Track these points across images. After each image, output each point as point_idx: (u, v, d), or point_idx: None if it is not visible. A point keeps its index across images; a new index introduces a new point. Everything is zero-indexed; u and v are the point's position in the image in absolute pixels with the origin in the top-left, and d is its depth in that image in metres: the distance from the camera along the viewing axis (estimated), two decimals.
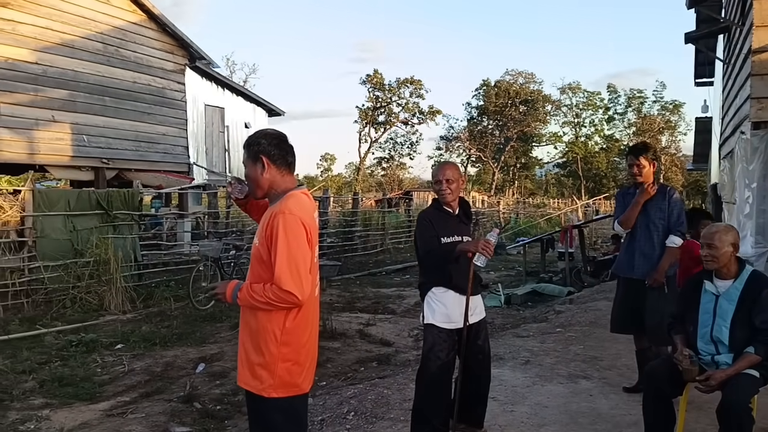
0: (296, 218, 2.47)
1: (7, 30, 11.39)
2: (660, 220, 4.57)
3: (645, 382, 3.65)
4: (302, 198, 2.60)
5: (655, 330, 4.50)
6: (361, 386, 5.17)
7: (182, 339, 7.62)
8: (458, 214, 3.79)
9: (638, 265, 4.59)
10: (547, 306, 9.82)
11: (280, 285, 2.41)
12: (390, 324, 8.74)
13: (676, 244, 4.52)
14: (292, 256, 2.43)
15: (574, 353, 6.02)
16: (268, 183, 2.60)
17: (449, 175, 3.67)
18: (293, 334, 2.54)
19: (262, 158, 2.58)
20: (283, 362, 2.52)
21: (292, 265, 2.42)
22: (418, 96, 51.02)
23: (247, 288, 2.51)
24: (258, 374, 2.54)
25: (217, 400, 5.47)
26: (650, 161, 4.64)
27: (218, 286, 2.64)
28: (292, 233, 2.45)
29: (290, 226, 2.45)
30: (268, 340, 2.52)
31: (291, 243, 2.44)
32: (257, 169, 2.59)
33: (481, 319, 3.75)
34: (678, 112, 52.23)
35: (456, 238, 3.68)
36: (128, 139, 13.65)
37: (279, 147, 2.62)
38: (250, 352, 2.57)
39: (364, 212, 19.79)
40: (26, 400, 5.44)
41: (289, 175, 2.64)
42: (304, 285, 2.45)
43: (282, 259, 2.41)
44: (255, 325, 2.55)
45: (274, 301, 2.44)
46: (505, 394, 4.72)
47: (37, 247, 9.20)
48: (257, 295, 2.46)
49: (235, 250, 10.84)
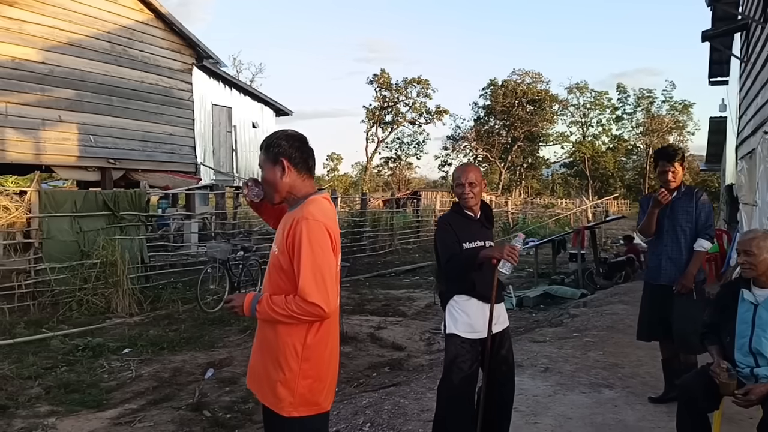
0: (320, 224, 2.31)
1: (14, 29, 11.29)
2: (687, 223, 4.40)
3: (679, 396, 3.47)
4: (324, 203, 2.43)
5: (684, 338, 4.33)
6: (376, 395, 5.00)
7: (190, 343, 7.48)
8: (480, 218, 3.62)
9: (665, 271, 4.42)
10: (560, 309, 9.64)
11: (305, 297, 2.23)
12: (401, 327, 8.58)
13: (705, 248, 4.36)
14: (318, 266, 2.26)
15: (594, 360, 5.85)
16: (288, 187, 2.44)
17: (472, 178, 3.51)
18: (315, 349, 2.37)
19: (282, 161, 2.42)
20: (303, 379, 2.35)
21: (318, 275, 2.25)
22: (425, 96, 50.96)
23: (266, 300, 2.33)
24: (277, 392, 2.37)
25: (227, 407, 5.32)
26: (682, 166, 4.47)
27: (234, 298, 2.45)
28: (317, 241, 2.28)
29: (314, 234, 2.28)
30: (288, 356, 2.35)
31: (316, 251, 2.27)
32: (276, 172, 2.43)
33: (505, 328, 3.58)
34: (687, 112, 51.90)
35: (478, 243, 3.51)
36: (135, 139, 13.54)
37: (300, 149, 2.45)
38: (269, 367, 2.41)
39: (373, 212, 19.63)
40: (32, 407, 5.30)
41: (309, 180, 2.48)
42: (330, 296, 2.27)
43: (306, 269, 2.24)
44: (274, 339, 2.38)
45: (298, 315, 2.27)
46: (527, 404, 4.54)
47: (43, 249, 9.08)
48: (278, 307, 2.29)
49: (243, 252, 10.69)
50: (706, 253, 4.44)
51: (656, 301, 4.50)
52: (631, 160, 58.89)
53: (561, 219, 28.38)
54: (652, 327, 4.55)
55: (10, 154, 11.26)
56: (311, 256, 2.25)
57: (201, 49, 15.18)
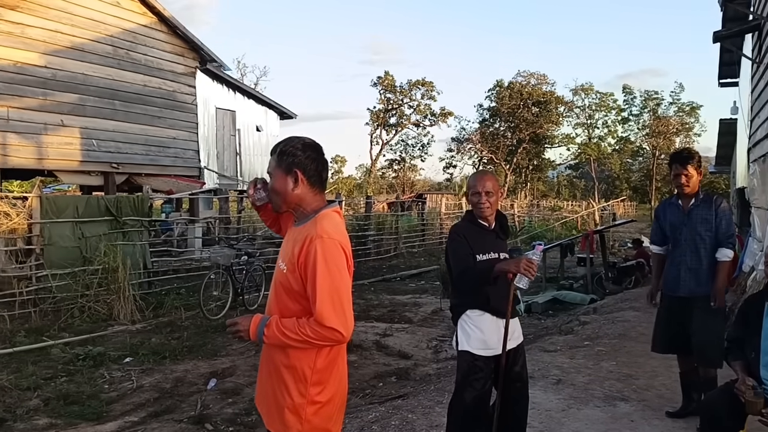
0: (336, 243, 2.16)
1: (17, 33, 11.20)
2: (707, 232, 4.22)
3: (702, 414, 3.31)
4: (336, 218, 2.28)
5: (703, 351, 4.17)
6: (383, 409, 4.85)
7: (193, 351, 7.35)
8: (494, 228, 3.45)
9: (684, 282, 4.25)
10: (570, 315, 9.47)
11: (323, 321, 2.08)
12: (407, 334, 8.43)
13: (729, 258, 4.19)
14: (335, 288, 2.11)
15: (607, 371, 5.68)
16: (297, 199, 2.29)
17: (489, 187, 3.34)
18: (325, 372, 2.23)
19: (296, 172, 2.26)
20: (312, 405, 2.21)
21: (336, 298, 2.10)
22: (429, 98, 50.74)
23: (276, 324, 2.16)
24: (285, 418, 2.22)
25: (229, 420, 5.18)
26: (697, 169, 4.30)
27: (239, 321, 2.26)
28: (333, 261, 2.13)
29: (330, 253, 2.13)
30: (297, 380, 2.20)
31: (333, 272, 2.12)
32: (288, 182, 2.27)
33: (520, 344, 3.42)
34: (694, 113, 51.56)
35: (492, 255, 3.35)
36: (138, 143, 13.43)
37: (316, 161, 2.30)
38: (276, 392, 2.26)
39: (377, 215, 19.45)
40: (30, 420, 5.17)
41: (320, 194, 2.33)
42: (348, 319, 2.13)
43: (324, 292, 2.09)
44: (282, 363, 2.23)
45: (314, 340, 2.11)
46: (540, 419, 4.38)
47: (44, 255, 8.97)
48: (290, 332, 2.13)
49: (247, 257, 10.55)
50: (730, 262, 4.27)
51: (674, 313, 4.33)
52: (637, 161, 58.58)
53: (568, 222, 28.15)
54: (669, 339, 4.38)
55: (12, 159, 11.16)
56: (328, 278, 2.11)
57: (204, 53, 15.06)
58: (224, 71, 18.06)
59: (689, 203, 4.30)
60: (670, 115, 51.84)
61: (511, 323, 3.27)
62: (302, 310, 2.17)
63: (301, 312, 2.18)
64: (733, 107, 12.32)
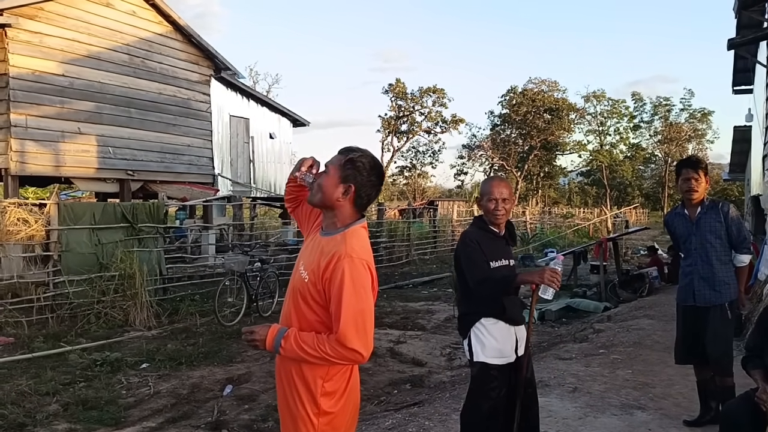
0: (363, 263, 2.17)
1: (35, 43, 11.38)
2: (717, 239, 4.21)
3: (722, 423, 3.31)
4: (364, 235, 2.30)
5: (719, 359, 4.15)
6: (399, 416, 4.86)
7: (209, 358, 7.39)
8: (504, 235, 3.46)
9: (699, 291, 4.23)
10: (584, 323, 9.43)
11: (345, 342, 2.09)
12: (421, 341, 8.43)
13: (745, 263, 4.19)
14: (360, 310, 2.11)
15: (623, 379, 5.66)
16: (336, 207, 2.28)
17: (505, 194, 3.33)
18: (338, 382, 2.24)
19: (351, 186, 2.26)
20: (324, 416, 2.22)
21: (359, 319, 2.11)
22: (440, 105, 50.75)
23: (295, 338, 2.17)
24: (298, 427, 2.24)
25: (246, 426, 5.21)
26: (706, 176, 4.30)
27: (256, 330, 2.26)
28: (359, 282, 2.14)
29: (358, 274, 2.14)
30: (309, 390, 2.22)
31: (359, 293, 2.12)
32: (339, 189, 2.25)
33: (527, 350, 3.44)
34: (706, 120, 51.24)
35: (503, 262, 3.36)
36: (153, 150, 13.57)
37: (375, 188, 2.32)
38: (290, 400, 2.28)
39: (389, 222, 19.48)
40: (49, 425, 5.23)
41: (357, 214, 2.34)
42: (369, 341, 2.14)
43: (348, 313, 2.09)
44: (297, 371, 2.25)
45: (332, 358, 2.12)
46: (557, 427, 4.38)
47: (62, 261, 9.07)
48: (309, 347, 2.13)
49: (260, 263, 10.61)
50: (747, 266, 4.27)
51: (689, 322, 4.32)
52: (649, 168, 58.29)
53: (580, 229, 28.03)
54: (688, 349, 4.36)
55: (30, 167, 11.32)
56: (354, 299, 2.11)
57: (219, 61, 15.22)
58: (238, 79, 18.21)
59: (696, 212, 4.28)
60: (682, 122, 51.54)
61: (519, 329, 3.30)
62: (319, 321, 2.19)
63: (318, 322, 2.19)
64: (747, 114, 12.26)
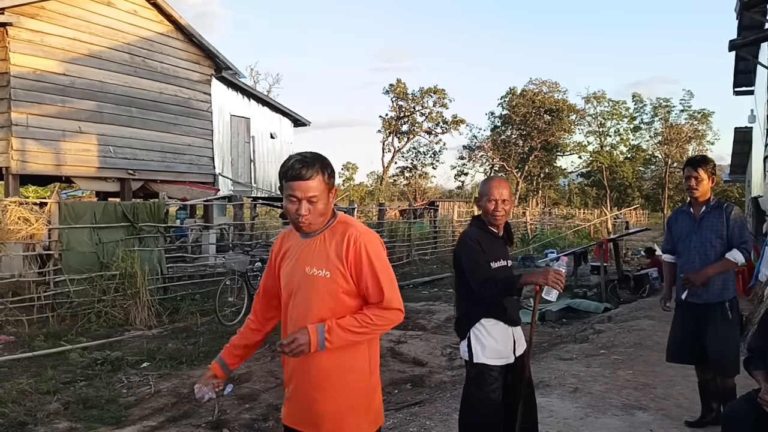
0: (375, 235, 2.37)
1: (36, 41, 11.38)
2: (718, 239, 4.19)
3: (724, 424, 3.30)
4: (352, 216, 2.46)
5: (720, 360, 4.14)
6: (400, 415, 4.86)
7: (209, 357, 7.36)
8: (503, 235, 3.47)
9: (696, 290, 4.22)
10: (584, 323, 9.43)
11: (392, 305, 2.27)
12: (421, 341, 8.42)
13: (736, 260, 4.13)
14: (390, 274, 2.32)
15: (624, 379, 5.66)
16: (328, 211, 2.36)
17: (505, 195, 3.32)
18: (376, 360, 2.41)
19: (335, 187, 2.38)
20: (374, 394, 2.37)
21: (394, 281, 2.32)
22: (441, 105, 50.79)
23: (337, 326, 2.20)
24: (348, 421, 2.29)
25: (247, 426, 5.21)
26: (709, 175, 4.28)
27: (296, 338, 2.19)
28: (380, 252, 2.32)
29: (376, 246, 2.32)
30: (360, 376, 2.31)
31: (383, 260, 2.30)
32: (331, 197, 2.33)
33: (525, 349, 3.44)
34: (706, 121, 51.19)
35: (502, 263, 3.36)
36: (154, 150, 13.58)
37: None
38: (336, 397, 2.28)
39: (390, 223, 19.49)
40: (50, 423, 5.22)
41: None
42: (401, 299, 2.35)
43: (385, 279, 2.27)
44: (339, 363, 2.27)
45: (381, 325, 2.28)
46: (558, 428, 4.37)
47: (62, 260, 9.07)
48: (355, 327, 2.22)
49: (261, 263, 10.61)
50: (735, 265, 4.23)
51: (688, 322, 4.29)
52: (649, 169, 58.24)
53: (580, 230, 28.03)
54: (684, 349, 4.33)
55: (31, 165, 11.32)
56: (384, 266, 2.29)
57: (220, 60, 15.23)
58: (239, 79, 18.22)
59: (700, 210, 4.27)
60: (682, 123, 51.48)
61: (516, 330, 3.32)
62: (357, 307, 2.28)
63: (355, 308, 2.28)
64: (750, 116, 12.26)
